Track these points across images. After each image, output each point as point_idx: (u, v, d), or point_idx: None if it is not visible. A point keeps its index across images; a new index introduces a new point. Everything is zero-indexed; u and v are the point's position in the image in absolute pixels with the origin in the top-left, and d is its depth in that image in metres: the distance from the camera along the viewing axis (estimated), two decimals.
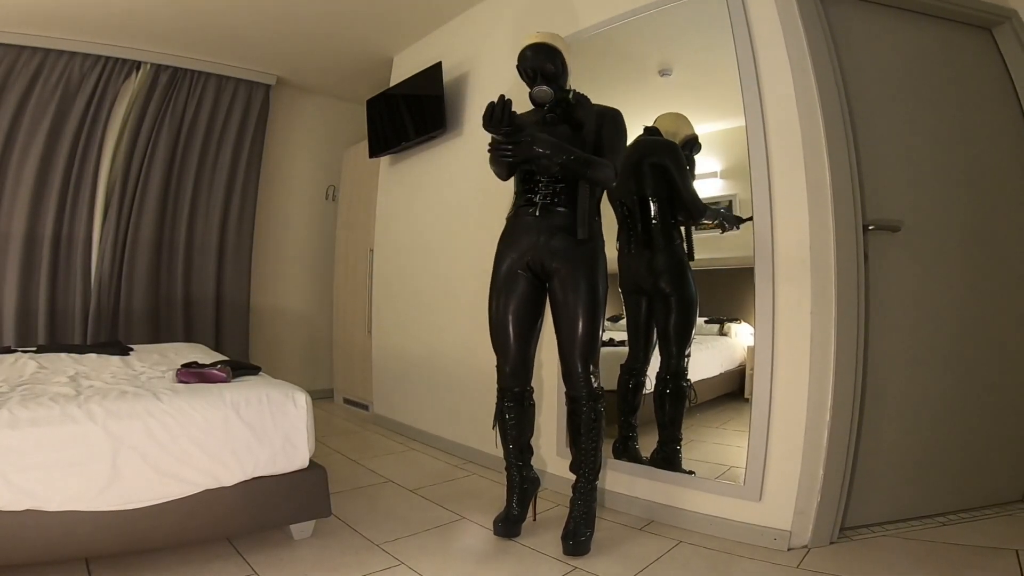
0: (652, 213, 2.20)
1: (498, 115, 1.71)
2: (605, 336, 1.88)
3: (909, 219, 2.00)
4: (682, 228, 2.18)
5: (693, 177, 2.17)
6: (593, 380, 1.84)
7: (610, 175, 1.83)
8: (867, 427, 1.94)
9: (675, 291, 2.17)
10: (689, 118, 2.17)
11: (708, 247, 2.13)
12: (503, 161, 1.87)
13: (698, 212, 2.14)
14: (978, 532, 1.91)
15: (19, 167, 3.30)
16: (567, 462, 2.01)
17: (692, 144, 2.16)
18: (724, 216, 2.09)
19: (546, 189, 1.89)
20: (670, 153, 2.19)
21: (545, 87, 1.84)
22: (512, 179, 2.01)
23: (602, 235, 1.94)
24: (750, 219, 1.94)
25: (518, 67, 1.94)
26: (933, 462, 2.07)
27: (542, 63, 1.88)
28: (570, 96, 1.93)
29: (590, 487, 1.87)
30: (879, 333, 1.95)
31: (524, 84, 1.95)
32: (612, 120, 1.91)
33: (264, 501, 1.73)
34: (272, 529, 1.86)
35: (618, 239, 2.28)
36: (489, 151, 1.82)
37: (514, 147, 1.76)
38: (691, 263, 2.16)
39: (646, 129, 2.23)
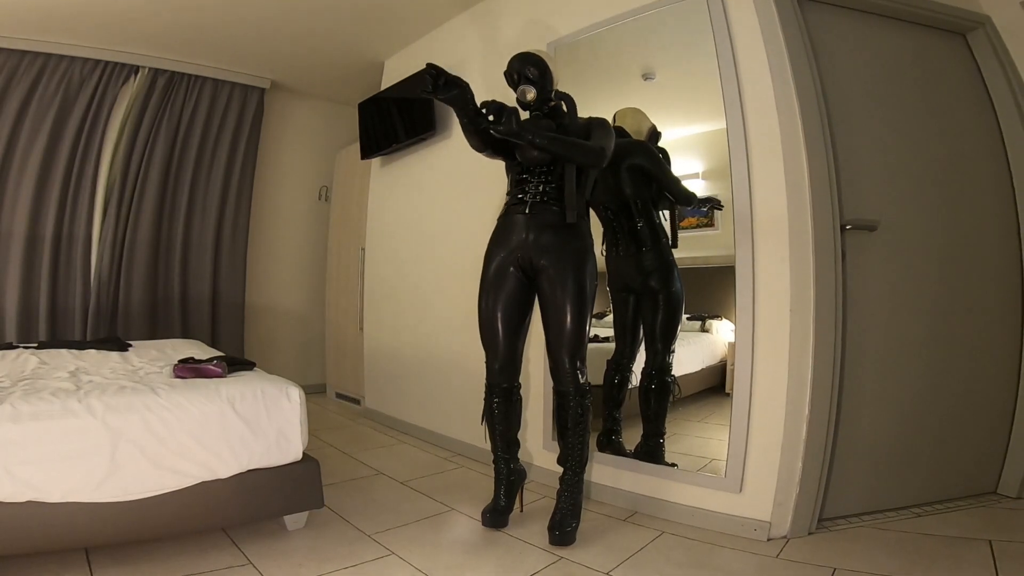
0: (636, 215, 2.23)
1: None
2: (590, 332, 1.93)
3: (885, 219, 2.04)
4: (666, 223, 2.23)
5: (669, 163, 2.21)
6: (580, 375, 1.87)
7: (595, 155, 1.84)
8: (844, 421, 1.98)
9: (663, 288, 2.20)
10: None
11: (690, 246, 2.17)
12: (478, 135, 1.95)
13: (686, 198, 2.17)
14: (952, 523, 1.95)
15: (21, 168, 3.34)
16: (553, 455, 2.05)
17: (654, 135, 2.22)
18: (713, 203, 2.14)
19: (536, 188, 1.93)
20: (644, 152, 2.24)
21: (528, 86, 1.90)
22: (506, 178, 2.06)
23: (591, 233, 1.97)
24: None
25: (505, 73, 2.01)
26: (909, 455, 2.11)
27: (524, 67, 1.96)
28: (552, 97, 1.98)
29: (577, 479, 1.91)
30: (856, 330, 1.99)
31: (511, 91, 2.00)
32: (600, 125, 1.95)
33: (259, 493, 1.76)
34: (266, 520, 1.89)
35: (603, 241, 2.31)
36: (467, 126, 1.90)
37: (497, 124, 1.81)
38: (675, 261, 2.20)
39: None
